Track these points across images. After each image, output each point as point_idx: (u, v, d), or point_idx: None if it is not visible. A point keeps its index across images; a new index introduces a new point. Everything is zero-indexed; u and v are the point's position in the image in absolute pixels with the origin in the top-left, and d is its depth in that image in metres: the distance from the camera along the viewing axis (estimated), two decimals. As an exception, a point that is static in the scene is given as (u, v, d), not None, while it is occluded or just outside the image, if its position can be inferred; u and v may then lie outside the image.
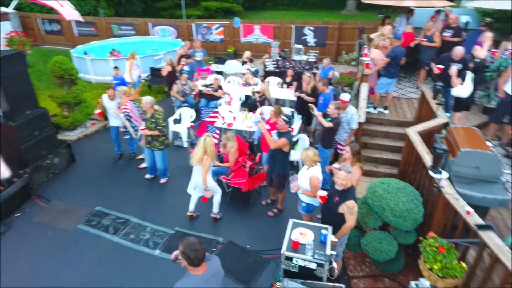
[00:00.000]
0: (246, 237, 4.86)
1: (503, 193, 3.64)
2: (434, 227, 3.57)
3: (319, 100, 6.25)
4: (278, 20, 13.81)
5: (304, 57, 10.10)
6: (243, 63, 10.10)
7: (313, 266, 3.25)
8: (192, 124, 7.22)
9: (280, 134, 4.78)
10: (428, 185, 3.95)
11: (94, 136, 7.69)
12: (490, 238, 2.85)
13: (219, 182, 5.38)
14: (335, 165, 4.38)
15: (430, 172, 3.58)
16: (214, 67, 10.11)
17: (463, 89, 5.61)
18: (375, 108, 6.78)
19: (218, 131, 6.60)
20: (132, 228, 5.03)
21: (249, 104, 7.33)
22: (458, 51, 5.73)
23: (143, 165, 6.40)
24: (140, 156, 6.63)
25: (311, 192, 4.14)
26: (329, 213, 3.72)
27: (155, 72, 9.75)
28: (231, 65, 10.56)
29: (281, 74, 8.98)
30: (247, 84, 8.51)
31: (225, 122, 6.62)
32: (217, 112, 7.07)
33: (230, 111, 7.02)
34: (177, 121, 7.49)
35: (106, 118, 6.53)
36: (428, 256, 2.86)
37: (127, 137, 6.34)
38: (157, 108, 5.58)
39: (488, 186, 3.72)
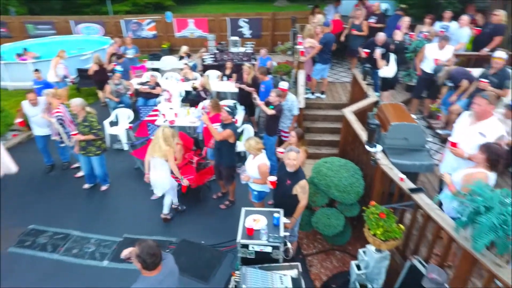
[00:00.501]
0: (200, 233, 4.77)
1: (429, 159, 4.06)
2: (374, 196, 3.85)
3: (261, 88, 6.34)
4: (212, 13, 13.63)
5: (242, 49, 10.15)
6: (180, 58, 9.82)
7: (268, 249, 3.31)
8: (131, 125, 6.84)
9: (224, 126, 4.75)
10: (366, 159, 4.24)
11: (18, 148, 6.88)
12: (421, 199, 3.17)
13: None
14: (279, 149, 4.50)
15: (367, 147, 3.85)
16: (149, 64, 9.68)
17: (388, 70, 6.12)
18: (313, 93, 7.08)
19: (160, 130, 6.34)
20: (74, 242, 4.64)
21: (191, 99, 7.17)
22: (381, 37, 6.21)
23: (80, 173, 5.91)
24: (76, 165, 6.11)
25: (261, 180, 4.20)
26: (282, 197, 3.79)
27: (83, 73, 8.99)
28: (168, 61, 10.19)
29: (220, 67, 8.91)
30: (186, 79, 8.30)
31: (166, 120, 6.38)
32: (157, 110, 6.79)
33: (171, 108, 6.79)
34: (114, 124, 7.03)
35: (29, 128, 5.88)
36: (371, 223, 3.08)
37: (63, 145, 5.75)
38: (90, 110, 5.18)
39: (416, 154, 4.12)
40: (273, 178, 3.81)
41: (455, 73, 5.45)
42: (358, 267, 3.41)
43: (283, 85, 5.49)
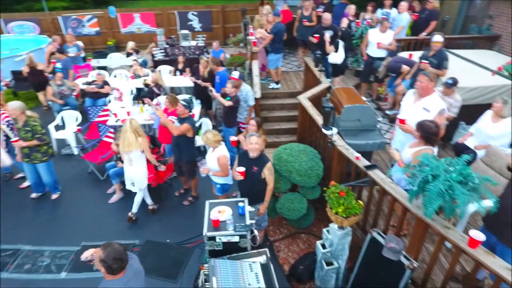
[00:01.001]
0: (165, 232, 4.64)
1: (380, 138, 4.31)
2: (334, 177, 4.00)
3: (216, 80, 6.25)
4: (159, 7, 13.12)
5: (193, 43, 9.92)
6: (128, 54, 9.37)
7: (236, 239, 3.30)
8: (80, 127, 6.41)
9: (181, 120, 4.63)
10: (323, 143, 4.39)
11: None
12: (376, 174, 3.35)
13: (124, 184, 4.95)
14: (233, 137, 4.55)
15: (323, 130, 3.97)
16: (94, 62, 9.11)
17: (337, 56, 6.34)
18: (277, 83, 7.12)
19: (112, 130, 6.02)
20: (25, 257, 4.28)
21: (143, 96, 6.88)
22: (326, 16, 6.41)
23: (26, 183, 5.44)
24: (20, 175, 5.61)
25: (222, 172, 4.17)
26: (251, 186, 3.78)
27: (19, 76, 8.22)
28: (115, 58, 9.68)
29: (171, 62, 8.65)
30: (136, 76, 7.94)
31: (118, 119, 6.07)
32: (107, 110, 6.43)
33: (122, 107, 6.47)
34: (60, 128, 6.55)
35: None
36: (332, 202, 3.19)
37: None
38: (30, 114, 4.75)
39: (368, 133, 4.35)
40: (242, 169, 3.77)
41: (393, 65, 5.82)
42: (323, 246, 3.53)
43: (234, 74, 5.47)
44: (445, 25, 8.49)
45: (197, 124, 5.88)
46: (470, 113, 4.72)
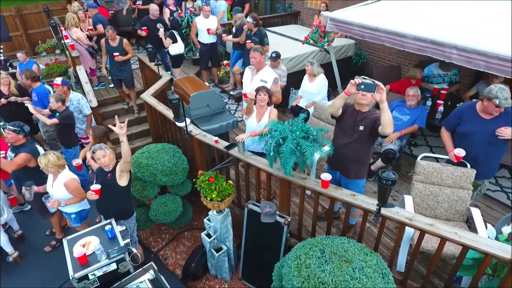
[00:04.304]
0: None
1: (232, 117, 4.52)
2: (200, 166, 3.99)
3: (33, 98, 5.14)
4: None
5: (-13, 57, 7.83)
6: None
7: (113, 266, 2.89)
8: None
9: (15, 149, 3.67)
10: (180, 136, 4.29)
11: None
12: (237, 152, 3.51)
13: None
14: (76, 161, 3.96)
15: (176, 123, 3.86)
16: None
17: (177, 46, 6.23)
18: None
19: None
20: None
21: None
22: (153, 7, 6.19)
23: None
24: None
25: (76, 197, 3.53)
26: (112, 201, 3.30)
27: None
28: None
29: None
30: None
31: None
32: None
33: None
34: None
35: None
36: (205, 190, 3.19)
37: None
38: None
39: (220, 116, 4.49)
40: (97, 187, 3.23)
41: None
42: (209, 236, 3.52)
43: (56, 80, 4.67)
44: (257, 6, 9.49)
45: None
46: (296, 79, 5.50)
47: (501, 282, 2.39)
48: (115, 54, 5.47)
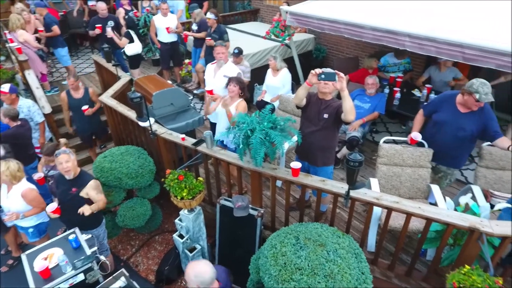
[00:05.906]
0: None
1: (197, 114, 4.43)
2: (167, 166, 3.87)
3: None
4: None
5: None
6: None
7: (81, 277, 2.73)
8: None
9: None
10: (145, 137, 4.13)
11: None
12: (205, 148, 3.44)
13: None
14: (36, 175, 3.68)
15: (140, 123, 3.70)
16: None
17: (135, 46, 6.01)
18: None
19: None
20: None
21: None
22: (99, 6, 5.94)
23: None
24: None
25: (36, 208, 3.29)
26: (73, 211, 3.11)
27: None
28: None
29: None
30: None
31: None
32: None
33: None
34: None
35: None
36: (175, 189, 3.09)
37: None
38: None
39: (185, 114, 4.39)
40: (53, 206, 3.02)
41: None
42: (181, 236, 3.42)
43: (3, 88, 4.30)
44: (216, 4, 9.43)
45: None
46: (259, 74, 5.53)
47: (461, 250, 2.56)
48: (83, 108, 4.60)
